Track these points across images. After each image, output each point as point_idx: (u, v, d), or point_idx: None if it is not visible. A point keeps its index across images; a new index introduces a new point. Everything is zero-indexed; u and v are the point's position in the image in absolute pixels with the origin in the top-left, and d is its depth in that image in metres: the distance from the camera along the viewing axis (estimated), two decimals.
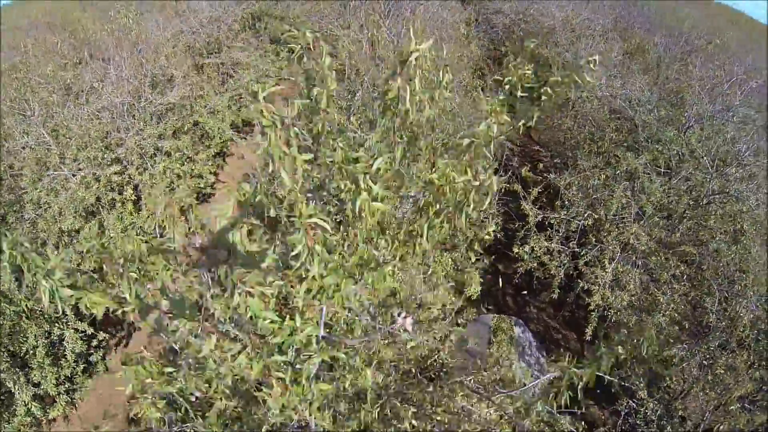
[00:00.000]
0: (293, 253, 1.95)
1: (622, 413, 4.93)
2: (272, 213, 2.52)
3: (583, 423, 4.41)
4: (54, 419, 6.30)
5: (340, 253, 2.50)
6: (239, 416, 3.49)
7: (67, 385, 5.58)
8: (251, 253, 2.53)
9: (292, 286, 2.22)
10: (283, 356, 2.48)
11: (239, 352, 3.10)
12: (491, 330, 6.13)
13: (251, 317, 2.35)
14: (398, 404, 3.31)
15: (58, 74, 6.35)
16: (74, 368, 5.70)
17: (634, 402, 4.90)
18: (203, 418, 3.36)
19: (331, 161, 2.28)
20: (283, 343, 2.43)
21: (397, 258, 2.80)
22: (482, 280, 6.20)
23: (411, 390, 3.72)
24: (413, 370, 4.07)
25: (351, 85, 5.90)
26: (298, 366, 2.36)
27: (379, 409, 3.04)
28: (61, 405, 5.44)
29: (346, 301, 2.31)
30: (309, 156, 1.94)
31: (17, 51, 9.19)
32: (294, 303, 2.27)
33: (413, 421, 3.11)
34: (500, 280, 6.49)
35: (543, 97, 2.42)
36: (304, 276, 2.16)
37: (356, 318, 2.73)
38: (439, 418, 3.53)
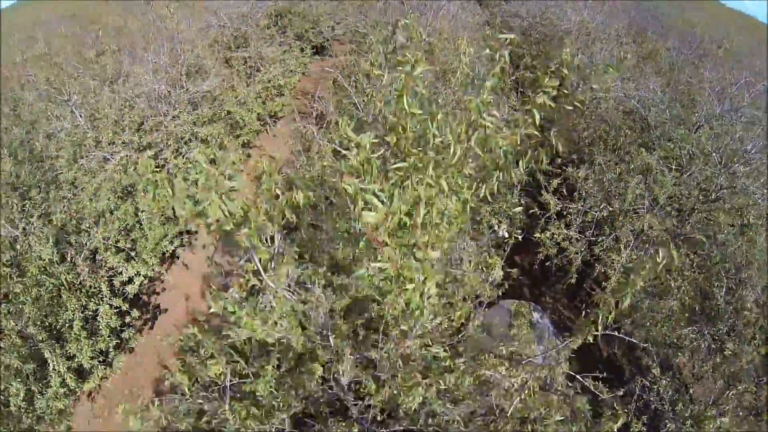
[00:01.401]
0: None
1: (636, 391, 5.47)
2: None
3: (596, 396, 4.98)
4: (85, 392, 6.77)
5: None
6: (289, 375, 4.05)
7: (101, 359, 6.06)
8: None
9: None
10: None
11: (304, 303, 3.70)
12: (511, 314, 6.67)
13: None
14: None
15: (96, 60, 6.97)
16: (108, 343, 6.19)
17: (647, 381, 5.44)
18: (255, 377, 3.90)
19: None
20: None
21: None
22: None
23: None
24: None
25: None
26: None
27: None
28: (97, 377, 5.92)
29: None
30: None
31: (38, 42, 9.88)
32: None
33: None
34: (519, 269, 7.08)
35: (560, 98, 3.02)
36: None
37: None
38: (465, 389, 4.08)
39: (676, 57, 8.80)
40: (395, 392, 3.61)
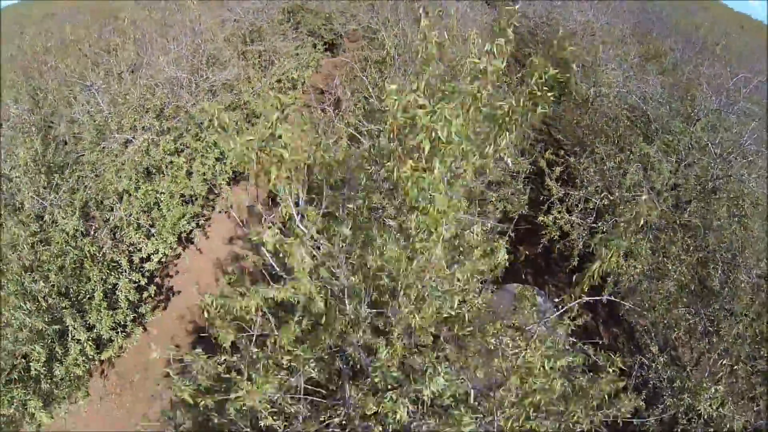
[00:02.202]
0: None
1: (635, 368, 5.84)
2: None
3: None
4: (105, 360, 7.17)
5: None
6: (311, 330, 4.47)
7: (119, 329, 6.48)
8: None
9: None
10: None
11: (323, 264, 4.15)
12: (515, 297, 7.08)
13: None
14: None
15: (121, 47, 7.53)
16: (126, 316, 6.62)
17: (645, 358, 5.83)
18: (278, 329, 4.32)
19: None
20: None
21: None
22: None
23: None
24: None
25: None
26: None
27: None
28: (115, 347, 6.34)
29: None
30: None
31: (54, 33, 10.50)
32: None
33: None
34: (523, 259, 7.53)
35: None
36: None
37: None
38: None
39: (679, 57, 9.31)
40: (406, 356, 4.03)
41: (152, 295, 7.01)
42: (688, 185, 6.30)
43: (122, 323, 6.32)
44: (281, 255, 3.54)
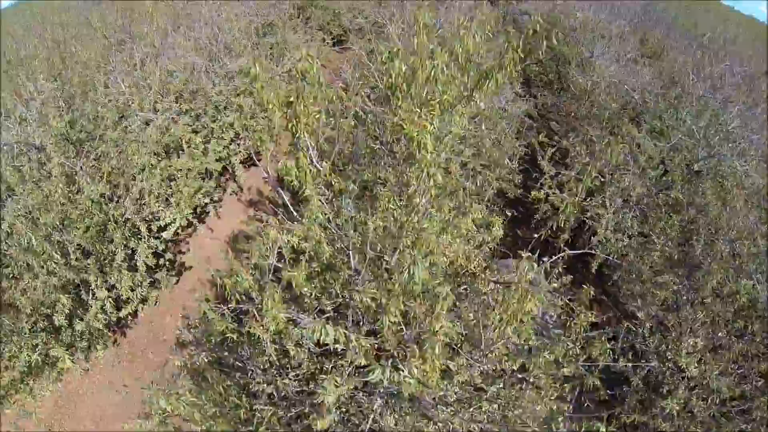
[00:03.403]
0: None
1: (621, 334, 6.45)
2: None
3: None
4: (118, 329, 7.90)
5: None
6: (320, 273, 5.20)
7: (138, 290, 7.22)
8: None
9: None
10: None
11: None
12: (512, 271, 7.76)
13: None
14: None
15: (144, 36, 8.46)
16: (144, 279, 7.35)
17: (631, 324, 6.44)
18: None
19: None
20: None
21: None
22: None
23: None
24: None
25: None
26: None
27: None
28: (133, 305, 7.07)
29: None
30: None
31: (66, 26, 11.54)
32: None
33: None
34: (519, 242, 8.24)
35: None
36: None
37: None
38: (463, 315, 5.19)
39: (675, 52, 10.11)
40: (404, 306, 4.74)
41: (167, 265, 7.79)
42: (673, 164, 7.02)
43: (140, 284, 7.07)
44: (297, 192, 4.31)
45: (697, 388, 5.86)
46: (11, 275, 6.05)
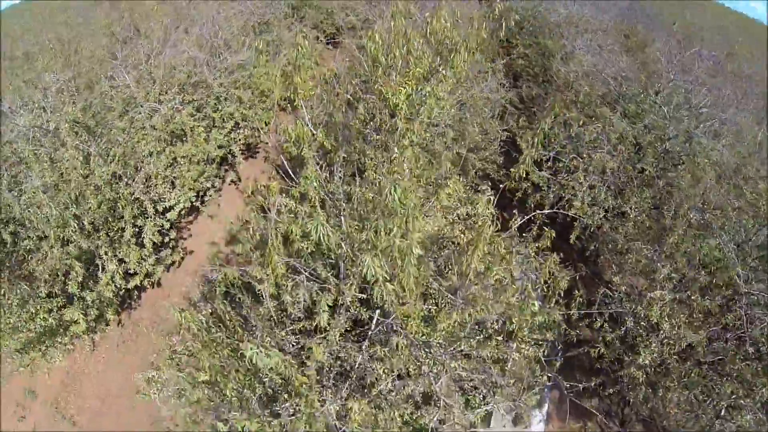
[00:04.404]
0: None
1: (598, 299, 7.15)
2: None
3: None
4: (131, 290, 8.54)
5: None
6: None
7: (144, 264, 7.93)
8: None
9: None
10: None
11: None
12: None
13: None
14: None
15: (147, 32, 9.34)
16: (151, 254, 8.04)
17: (608, 289, 7.17)
18: None
19: None
20: None
21: None
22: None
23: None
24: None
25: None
26: None
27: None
28: (140, 277, 7.79)
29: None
30: None
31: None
32: None
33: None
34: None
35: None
36: None
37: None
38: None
39: (662, 48, 10.96)
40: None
41: (171, 243, 8.55)
42: (645, 142, 7.83)
43: (146, 257, 7.81)
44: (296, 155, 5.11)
45: (670, 344, 6.54)
46: (28, 248, 6.81)
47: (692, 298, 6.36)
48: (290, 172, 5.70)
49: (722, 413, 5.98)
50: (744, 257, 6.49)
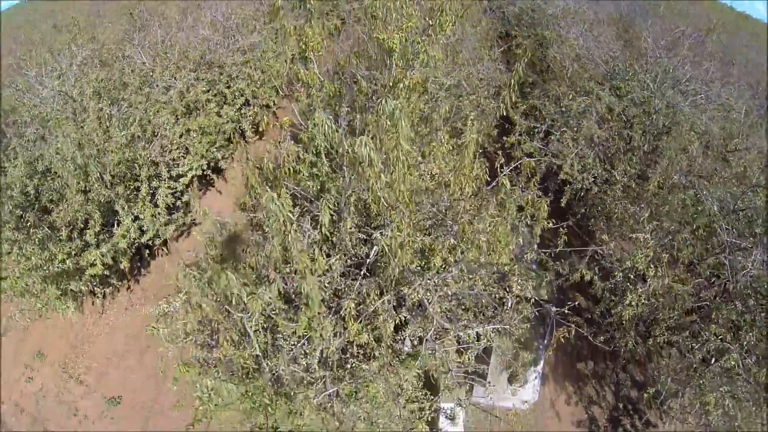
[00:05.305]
0: None
1: (588, 254, 7.73)
2: None
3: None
4: (143, 246, 9.22)
5: None
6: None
7: (157, 222, 8.59)
8: None
9: None
10: None
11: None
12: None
13: None
14: None
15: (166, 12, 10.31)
16: (164, 215, 8.64)
17: (600, 249, 7.76)
18: None
19: None
20: None
21: None
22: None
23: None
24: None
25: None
26: None
27: None
28: (152, 233, 8.48)
29: None
30: None
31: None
32: None
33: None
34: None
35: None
36: None
37: None
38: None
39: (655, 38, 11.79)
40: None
41: (182, 208, 9.29)
42: (631, 115, 8.56)
43: (159, 215, 8.50)
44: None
45: (657, 294, 7.09)
46: (51, 198, 7.56)
47: (677, 247, 6.95)
48: (298, 118, 6.44)
49: (710, 357, 6.42)
50: (727, 214, 7.04)
